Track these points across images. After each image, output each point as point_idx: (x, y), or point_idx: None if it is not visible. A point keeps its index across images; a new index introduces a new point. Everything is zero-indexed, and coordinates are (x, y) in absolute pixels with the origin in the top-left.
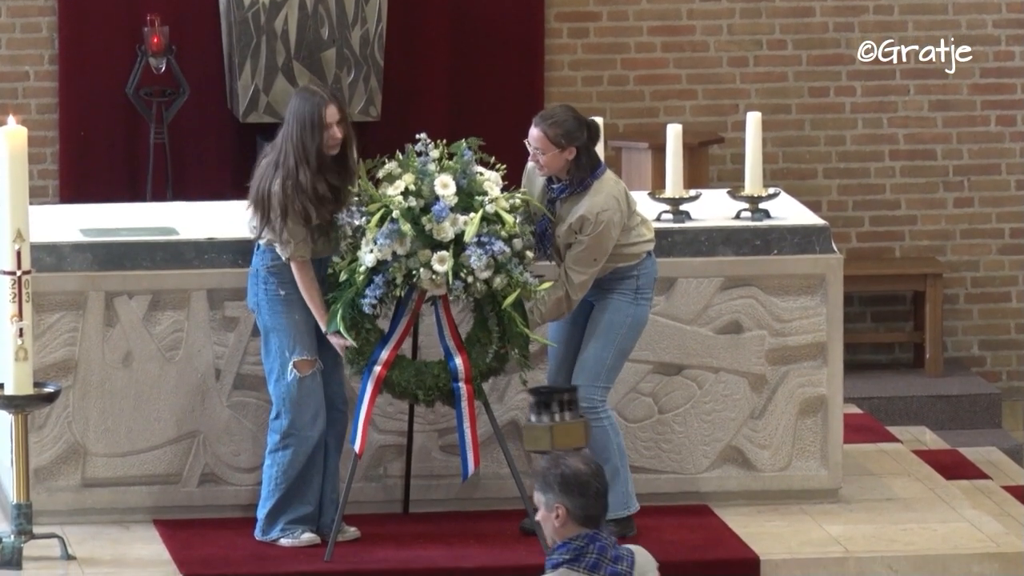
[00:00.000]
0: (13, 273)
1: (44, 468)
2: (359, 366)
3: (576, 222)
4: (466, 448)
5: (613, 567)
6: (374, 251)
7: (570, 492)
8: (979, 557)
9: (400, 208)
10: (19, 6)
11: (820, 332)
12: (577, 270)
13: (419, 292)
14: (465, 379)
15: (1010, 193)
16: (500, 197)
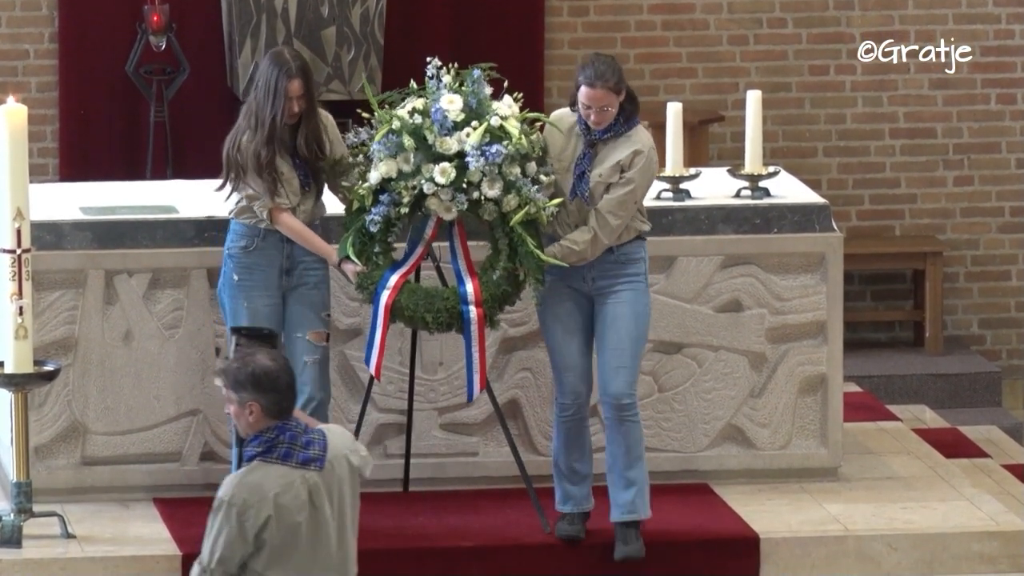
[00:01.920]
0: (13, 251)
1: (44, 446)
2: (368, 291)
3: (628, 157)
4: (473, 371)
5: (305, 453)
6: (378, 167)
7: (262, 389)
8: (978, 536)
9: (404, 121)
10: None
11: (820, 310)
12: (617, 213)
13: (434, 220)
14: (475, 302)
15: (1010, 171)
16: (511, 116)
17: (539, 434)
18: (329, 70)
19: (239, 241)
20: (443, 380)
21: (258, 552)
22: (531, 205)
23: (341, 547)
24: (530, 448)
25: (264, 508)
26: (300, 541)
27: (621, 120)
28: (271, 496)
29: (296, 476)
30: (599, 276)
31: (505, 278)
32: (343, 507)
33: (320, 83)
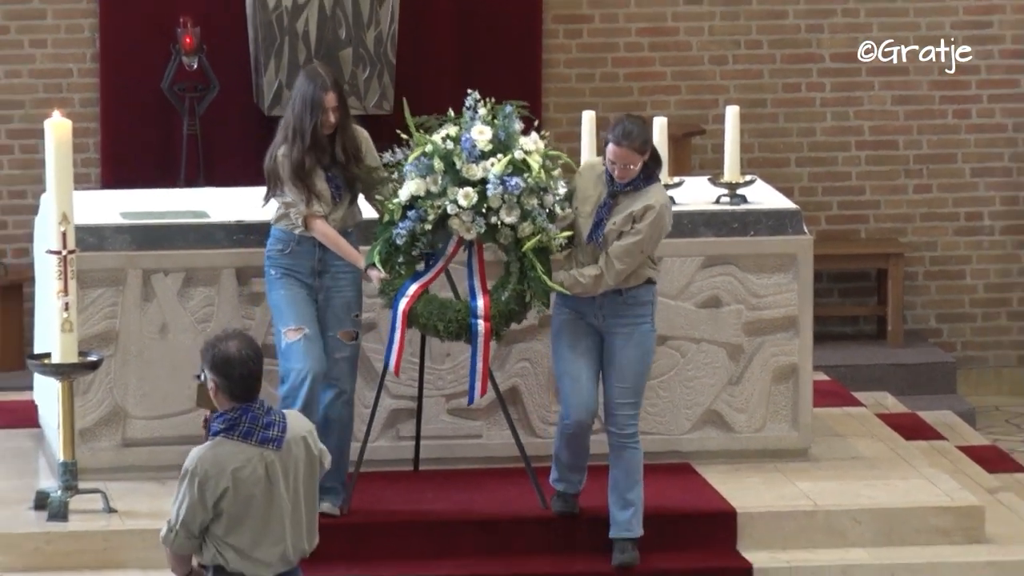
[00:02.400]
0: (59, 252)
1: (88, 429)
2: (389, 297)
3: (640, 210)
4: (475, 378)
5: (264, 433)
6: (409, 185)
7: (219, 371)
8: (935, 510)
9: (436, 146)
10: (63, 9)
11: (792, 306)
12: (624, 260)
13: (455, 240)
14: (485, 317)
15: (965, 180)
16: (535, 152)
17: (537, 419)
18: (346, 87)
19: (276, 245)
20: (450, 370)
21: (217, 519)
22: (543, 234)
23: (295, 520)
24: (529, 431)
25: (223, 480)
26: (255, 512)
27: (641, 177)
28: (230, 470)
29: (254, 453)
30: (609, 315)
31: (514, 298)
32: (298, 485)
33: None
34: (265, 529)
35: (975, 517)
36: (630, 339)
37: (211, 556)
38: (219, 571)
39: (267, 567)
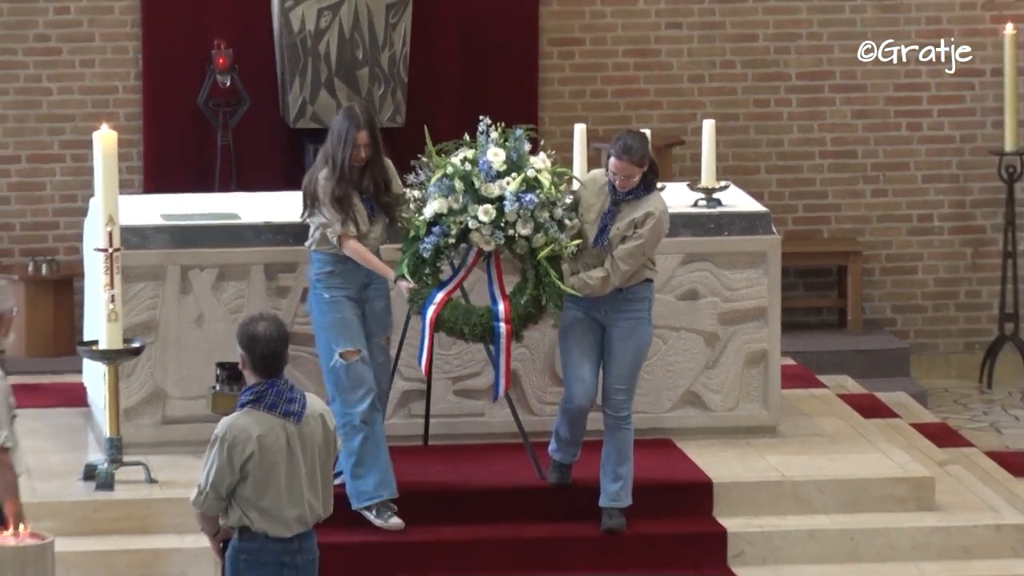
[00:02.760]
0: (106, 250)
1: (132, 408)
2: (417, 305)
3: (641, 216)
4: (500, 375)
5: (287, 407)
6: (433, 203)
7: (246, 347)
8: (891, 481)
9: (456, 168)
10: (110, 32)
11: (762, 298)
12: (628, 261)
13: (475, 251)
14: (505, 320)
15: (917, 185)
16: (543, 170)
17: (535, 399)
18: (364, 101)
19: (324, 268)
20: (456, 355)
21: (243, 481)
22: (556, 244)
23: (312, 487)
24: (527, 410)
25: (249, 445)
26: (277, 476)
27: (641, 186)
28: (255, 436)
29: (277, 423)
30: (611, 310)
31: (531, 302)
32: (315, 456)
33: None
34: (286, 492)
35: (926, 487)
36: (629, 332)
37: (237, 517)
38: (244, 531)
39: (287, 527)
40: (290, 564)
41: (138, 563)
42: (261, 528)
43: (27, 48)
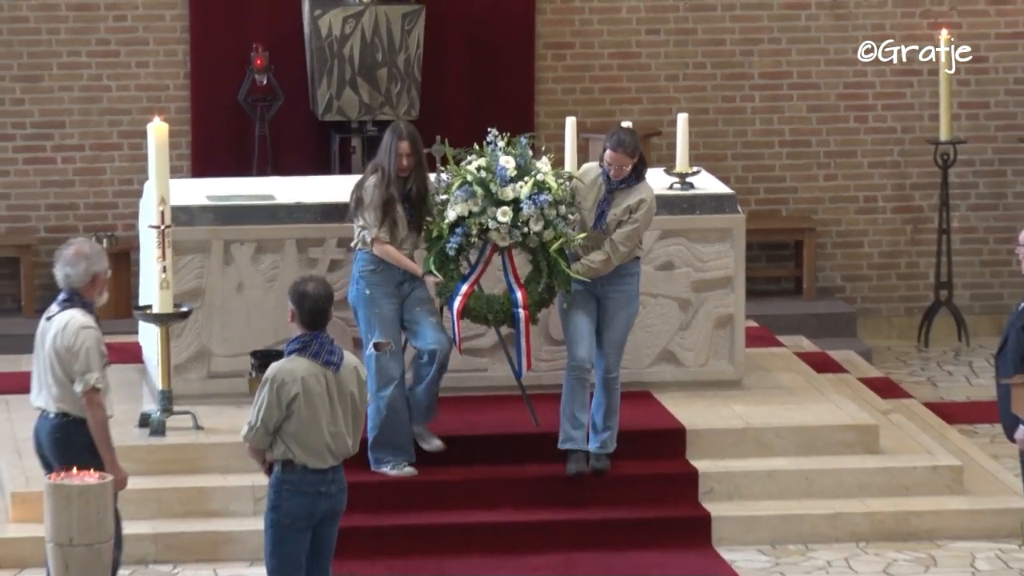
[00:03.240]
0: (159, 227)
1: (181, 364)
2: (445, 297)
3: (635, 203)
4: (521, 355)
5: (328, 357)
6: (455, 207)
7: (296, 302)
8: (840, 428)
9: (474, 175)
10: (162, 37)
11: (729, 269)
12: (626, 244)
13: (491, 246)
14: (523, 306)
15: (863, 171)
16: (549, 172)
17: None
18: (382, 98)
19: (368, 266)
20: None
21: (288, 418)
22: (565, 238)
23: (345, 428)
24: None
25: (295, 386)
26: (317, 415)
27: (633, 176)
28: (300, 378)
29: (319, 370)
30: (605, 283)
31: (545, 289)
32: (346, 401)
33: (376, 107)
34: (324, 430)
35: (871, 433)
36: (620, 303)
37: (281, 452)
38: (287, 464)
39: (324, 460)
40: (325, 493)
41: (186, 499)
42: (302, 461)
43: (90, 51)
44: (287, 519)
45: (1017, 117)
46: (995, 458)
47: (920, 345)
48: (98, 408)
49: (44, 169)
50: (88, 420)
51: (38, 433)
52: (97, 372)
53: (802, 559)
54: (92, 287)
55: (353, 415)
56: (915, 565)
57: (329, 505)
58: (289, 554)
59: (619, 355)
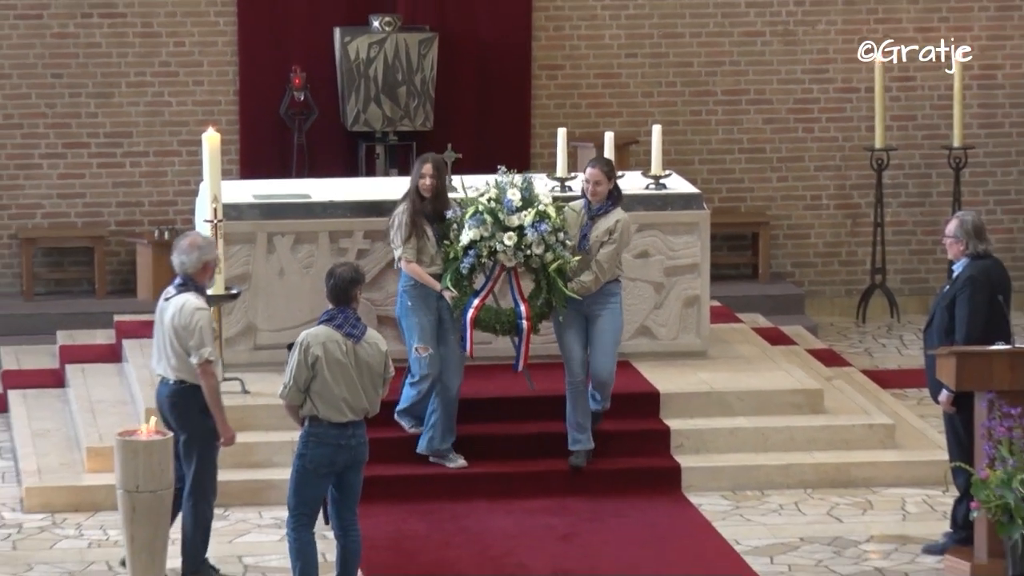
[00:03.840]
0: (212, 221)
1: (231, 338)
2: (459, 309)
3: (613, 226)
4: (520, 357)
5: (351, 330)
6: (468, 232)
7: (325, 280)
8: (791, 392)
9: (484, 205)
10: (215, 60)
11: (696, 257)
12: (608, 262)
13: (499, 266)
14: (526, 318)
15: (810, 174)
16: (549, 204)
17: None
18: (402, 112)
19: (408, 282)
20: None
21: (314, 377)
22: (562, 260)
23: (363, 390)
24: None
25: (317, 349)
26: (336, 376)
27: (609, 202)
28: (322, 343)
29: (340, 339)
30: (592, 303)
31: (544, 303)
32: (364, 369)
33: (396, 119)
34: (342, 389)
35: (816, 396)
36: (606, 320)
37: (308, 408)
38: (313, 419)
39: (342, 414)
40: (345, 446)
41: (235, 452)
42: (325, 416)
43: (153, 72)
44: (311, 465)
45: (940, 128)
46: (922, 417)
47: (858, 321)
48: (211, 377)
49: (115, 172)
50: (202, 387)
51: (159, 396)
52: (209, 347)
53: (758, 503)
54: (203, 273)
55: (371, 381)
56: (854, 508)
57: (350, 456)
58: (308, 495)
59: (611, 366)
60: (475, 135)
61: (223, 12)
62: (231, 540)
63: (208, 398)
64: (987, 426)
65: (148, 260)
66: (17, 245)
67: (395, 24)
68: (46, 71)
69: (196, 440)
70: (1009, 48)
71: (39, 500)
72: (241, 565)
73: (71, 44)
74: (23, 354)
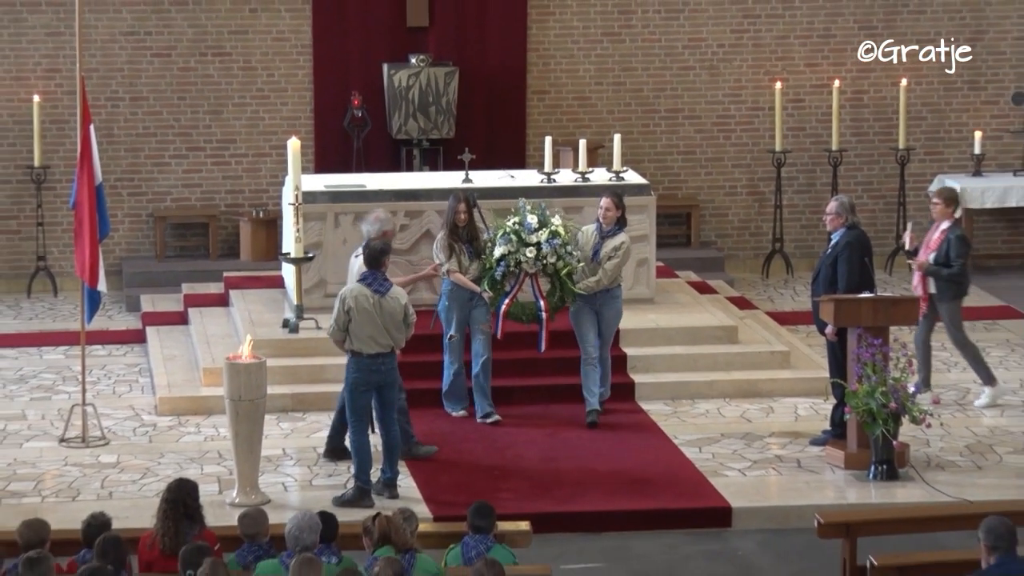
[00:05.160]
0: (294, 204)
1: (307, 289)
2: (494, 305)
3: (619, 245)
4: (542, 340)
5: (378, 287)
6: (499, 248)
7: (363, 251)
8: (714, 328)
9: (511, 227)
10: (297, 87)
11: (646, 229)
12: (611, 271)
13: (523, 273)
14: (545, 310)
15: (728, 170)
16: (560, 225)
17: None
18: (432, 125)
19: (449, 287)
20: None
21: (350, 321)
22: (571, 267)
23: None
24: None
25: (352, 301)
26: (364, 320)
27: (617, 227)
28: (355, 296)
29: (369, 292)
30: (601, 302)
31: (559, 299)
32: (386, 315)
33: (428, 131)
34: (370, 329)
35: (733, 331)
36: (612, 314)
37: (348, 343)
38: (354, 352)
39: (372, 348)
40: (376, 370)
41: (310, 372)
42: (359, 349)
43: (251, 95)
44: (353, 384)
45: (822, 136)
46: (810, 346)
47: (763, 277)
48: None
49: (224, 169)
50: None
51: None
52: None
53: (691, 408)
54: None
55: (393, 324)
56: (761, 412)
57: (381, 377)
58: (357, 406)
59: (608, 343)
60: (484, 141)
61: (302, 52)
62: (308, 436)
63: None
64: (857, 352)
65: (248, 232)
66: (152, 221)
67: (427, 61)
68: (173, 95)
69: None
70: (872, 78)
71: (168, 406)
72: (315, 453)
73: (191, 75)
74: (157, 300)
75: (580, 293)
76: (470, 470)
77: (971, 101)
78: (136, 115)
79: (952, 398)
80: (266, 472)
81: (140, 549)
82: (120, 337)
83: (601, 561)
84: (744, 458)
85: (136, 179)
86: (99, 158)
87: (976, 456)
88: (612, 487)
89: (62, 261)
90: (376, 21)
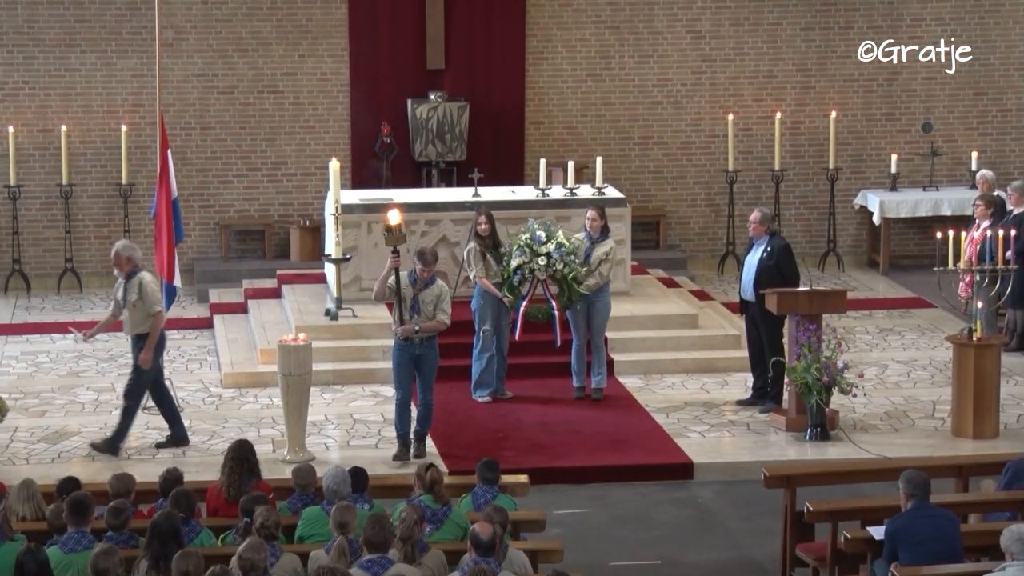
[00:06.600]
0: (335, 214)
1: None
2: (513, 307)
3: (608, 250)
4: (556, 335)
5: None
6: (515, 260)
7: (415, 254)
8: (679, 315)
9: (524, 241)
10: (336, 117)
11: (622, 235)
12: (606, 273)
13: (536, 279)
14: (557, 310)
15: (690, 187)
16: (564, 238)
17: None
18: (448, 150)
19: (480, 290)
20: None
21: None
22: (576, 272)
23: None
24: None
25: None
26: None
27: (601, 235)
28: (402, 287)
29: (410, 283)
30: (593, 298)
31: (566, 300)
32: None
33: (444, 154)
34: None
35: (694, 318)
36: (600, 307)
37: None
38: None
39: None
40: (415, 343)
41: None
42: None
43: (299, 125)
44: (396, 359)
45: (767, 158)
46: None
47: (719, 274)
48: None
49: (277, 185)
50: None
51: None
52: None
53: (660, 381)
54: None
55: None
56: (716, 385)
57: (417, 351)
58: (400, 378)
59: (601, 335)
60: (491, 163)
61: (341, 90)
62: (346, 404)
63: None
64: (795, 335)
65: (297, 237)
66: (218, 229)
67: (443, 97)
68: (236, 125)
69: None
70: (808, 111)
71: (231, 380)
72: (352, 419)
73: (250, 109)
74: (222, 293)
75: (584, 294)
76: (479, 432)
77: (888, 129)
78: (205, 142)
79: (874, 373)
80: (311, 434)
81: (208, 498)
82: (192, 324)
83: (586, 507)
84: (703, 422)
85: (205, 194)
86: (175, 177)
87: (893, 420)
88: (594, 446)
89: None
90: (402, 65)
